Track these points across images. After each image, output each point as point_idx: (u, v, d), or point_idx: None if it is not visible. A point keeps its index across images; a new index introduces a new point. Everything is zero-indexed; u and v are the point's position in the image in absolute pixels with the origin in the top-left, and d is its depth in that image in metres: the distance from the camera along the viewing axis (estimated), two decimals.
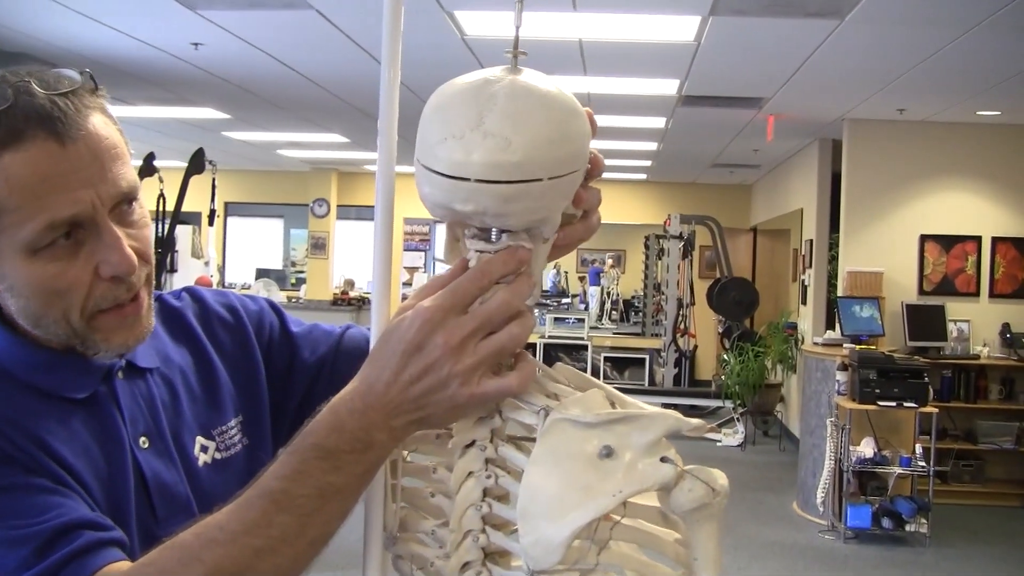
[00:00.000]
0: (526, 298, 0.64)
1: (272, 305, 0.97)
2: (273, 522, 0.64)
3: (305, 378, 0.93)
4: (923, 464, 5.27)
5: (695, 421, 0.65)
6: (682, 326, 9.49)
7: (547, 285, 18.43)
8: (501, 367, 0.65)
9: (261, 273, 12.40)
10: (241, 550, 0.64)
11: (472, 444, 0.68)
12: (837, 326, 6.25)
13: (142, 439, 0.81)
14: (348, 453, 0.63)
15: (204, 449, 0.85)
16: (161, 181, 6.11)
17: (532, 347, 10.83)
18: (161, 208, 6.38)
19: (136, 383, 0.84)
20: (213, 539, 0.65)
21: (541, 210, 0.64)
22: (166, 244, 6.40)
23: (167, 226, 6.40)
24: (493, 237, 0.66)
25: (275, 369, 0.93)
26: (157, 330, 0.87)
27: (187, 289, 0.95)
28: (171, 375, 0.87)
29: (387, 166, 0.68)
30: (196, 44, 4.92)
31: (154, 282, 0.82)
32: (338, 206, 11.58)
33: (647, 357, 10.56)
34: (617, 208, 11.66)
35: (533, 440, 0.66)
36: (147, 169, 5.91)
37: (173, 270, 6.68)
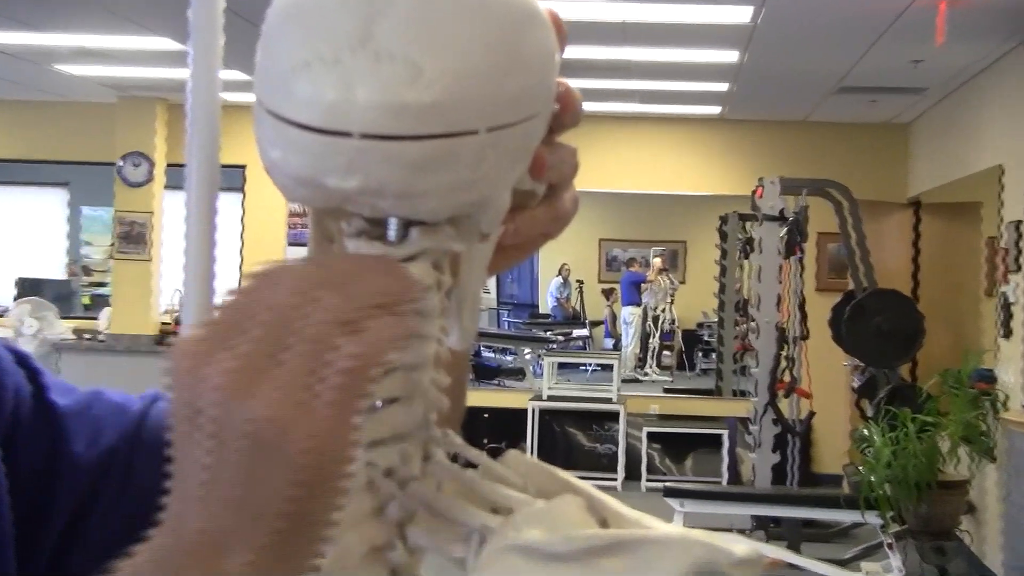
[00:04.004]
0: (397, 294, 0.70)
1: (21, 358, 1.06)
2: None
3: (78, 487, 1.03)
4: None
5: (745, 550, 0.71)
6: (787, 377, 9.56)
7: (547, 304, 18.46)
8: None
9: (26, 288, 12.80)
10: None
11: None
12: None
13: None
14: None
15: None
16: None
17: (519, 416, 10.80)
18: None
19: None
20: None
21: (476, 185, 0.72)
22: None
23: None
24: (392, 234, 0.74)
25: (22, 471, 1.01)
26: None
27: None
28: None
29: (209, 91, 0.78)
30: None
31: None
32: (169, 165, 11.95)
33: (725, 432, 11.58)
34: (667, 169, 12.33)
35: None
36: None
37: None
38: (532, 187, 0.78)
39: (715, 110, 11.53)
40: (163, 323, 11.70)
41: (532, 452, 11.39)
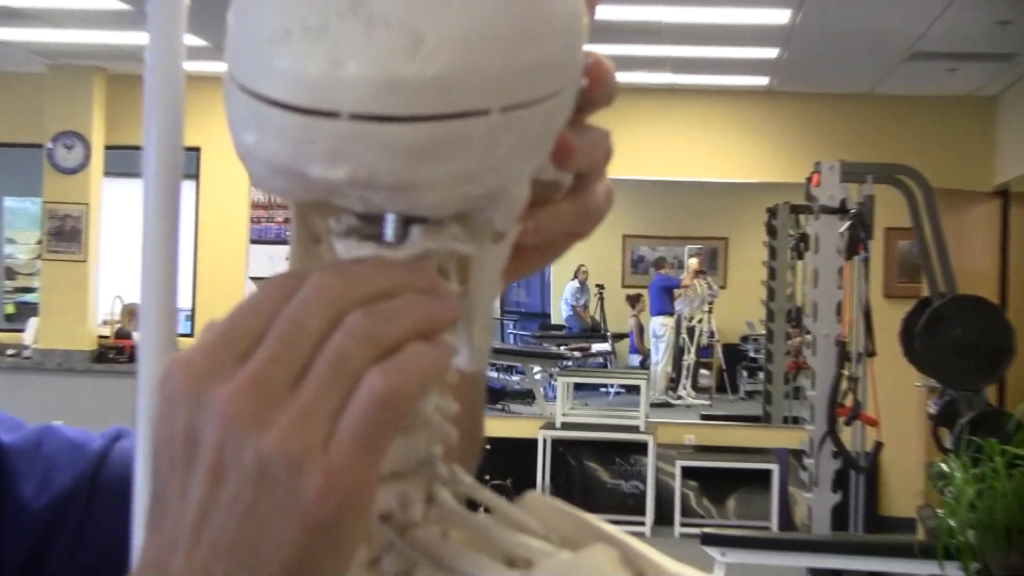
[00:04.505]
0: (439, 320, 0.72)
1: None
2: None
3: (25, 536, 1.06)
4: None
5: None
6: (850, 401, 9.48)
7: (561, 313, 18.50)
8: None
9: None
10: None
11: None
12: None
13: None
14: None
15: None
16: None
17: (527, 448, 10.87)
18: None
19: None
20: None
21: (488, 175, 0.72)
22: None
23: None
24: (389, 234, 0.75)
25: None
26: None
27: None
28: None
29: (170, 59, 0.79)
30: None
31: None
32: (108, 148, 12.05)
33: (774, 468, 11.43)
34: (704, 152, 12.37)
35: None
36: None
37: None
38: (556, 177, 0.79)
39: (762, 81, 11.57)
40: (102, 336, 11.77)
41: (543, 490, 11.40)
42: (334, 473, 0.69)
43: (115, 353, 11.69)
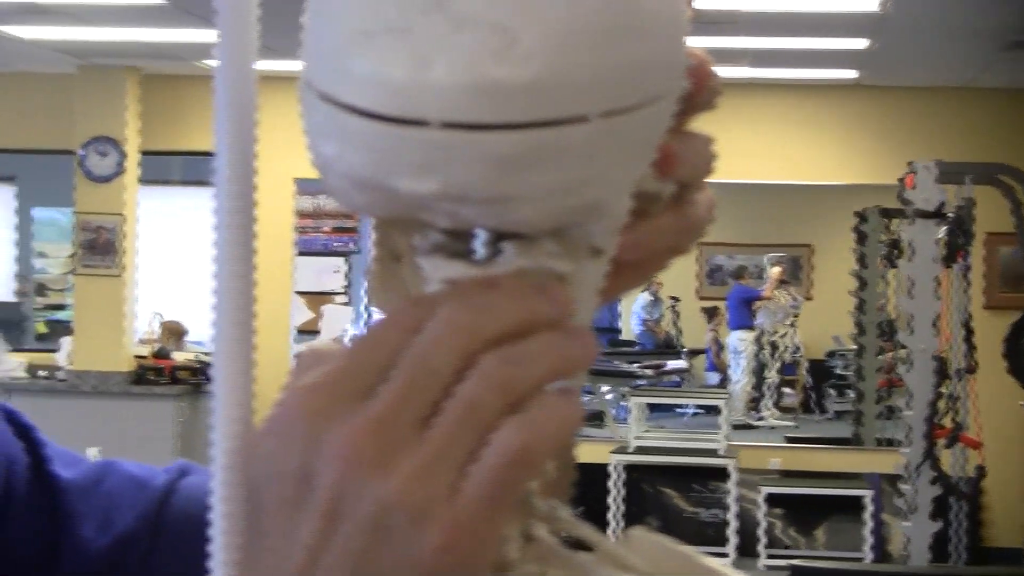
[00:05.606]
0: (577, 365, 0.73)
1: (15, 421, 1.14)
2: None
3: None
4: None
5: None
6: (949, 422, 9.54)
7: (632, 328, 18.50)
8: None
9: None
10: None
11: None
12: None
13: None
14: None
15: None
16: None
17: (598, 474, 10.91)
18: None
19: None
20: None
21: (586, 187, 0.72)
22: None
23: None
24: (480, 251, 0.75)
25: (16, 556, 1.09)
26: None
27: None
28: None
29: (242, 57, 0.78)
30: None
31: None
32: (144, 154, 12.07)
33: (867, 494, 11.37)
34: (787, 152, 12.41)
35: None
36: None
37: None
38: (657, 188, 0.78)
39: (850, 74, 11.59)
40: (140, 356, 11.83)
41: (616, 519, 11.43)
42: (456, 531, 0.70)
43: (154, 374, 11.73)
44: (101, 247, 11.76)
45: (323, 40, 0.73)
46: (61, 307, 14.40)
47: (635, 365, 16.29)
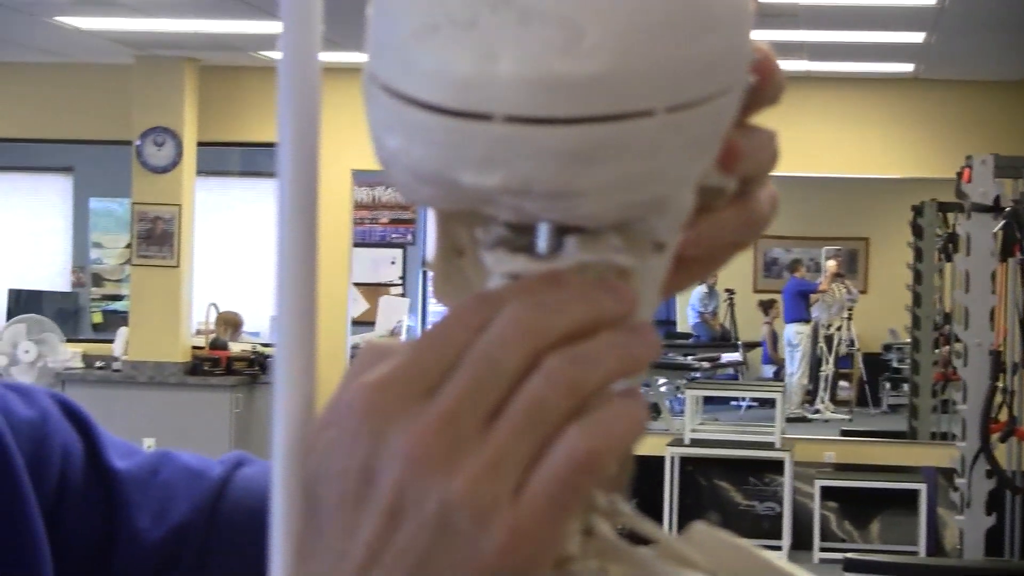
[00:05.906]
0: (642, 363, 0.73)
1: (71, 411, 1.13)
2: None
3: (140, 568, 1.10)
4: None
5: None
6: (1005, 415, 9.52)
7: (688, 320, 18.41)
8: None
9: (21, 303, 13.28)
10: None
11: None
12: None
13: None
14: None
15: None
16: None
17: (653, 466, 10.85)
18: None
19: None
20: None
21: (651, 181, 0.72)
22: None
23: None
24: (543, 245, 0.75)
25: (72, 547, 1.08)
26: None
27: None
28: None
29: (306, 49, 0.78)
30: None
31: None
32: (201, 145, 12.11)
33: (922, 488, 11.26)
34: (843, 145, 12.33)
35: None
36: None
37: None
38: (720, 183, 0.77)
39: (907, 68, 11.51)
40: (196, 347, 11.83)
41: (671, 512, 11.40)
42: (520, 532, 0.69)
43: (210, 365, 11.72)
44: (158, 238, 11.75)
45: (388, 33, 0.73)
46: (117, 297, 14.30)
47: (691, 358, 16.21)
